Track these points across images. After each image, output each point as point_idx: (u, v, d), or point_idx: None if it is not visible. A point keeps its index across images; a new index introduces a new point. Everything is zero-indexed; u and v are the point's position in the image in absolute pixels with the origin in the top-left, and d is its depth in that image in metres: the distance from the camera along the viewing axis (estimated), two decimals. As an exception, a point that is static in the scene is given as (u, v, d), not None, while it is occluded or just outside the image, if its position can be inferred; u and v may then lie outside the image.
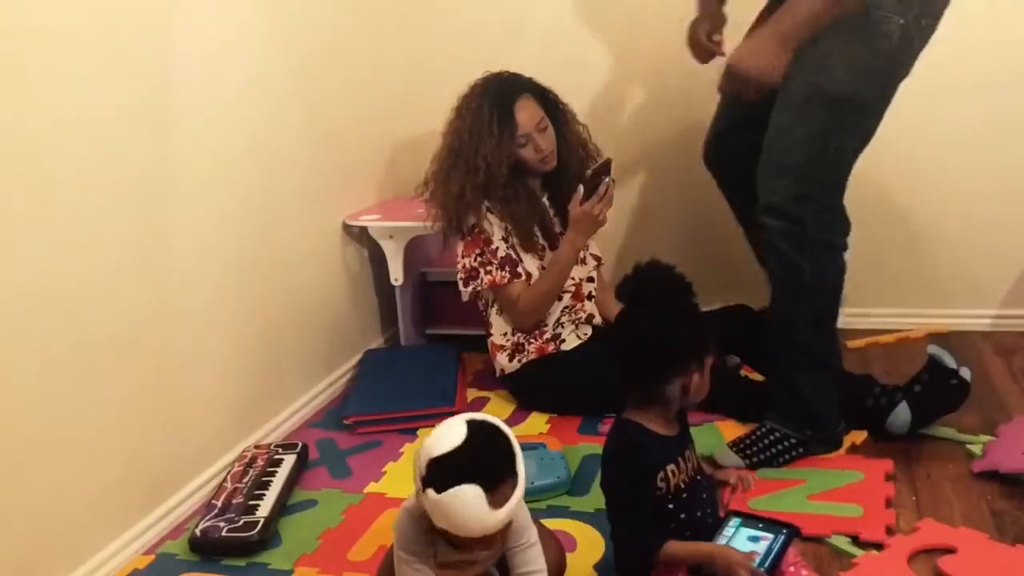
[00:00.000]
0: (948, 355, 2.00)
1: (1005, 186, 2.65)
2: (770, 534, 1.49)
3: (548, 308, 2.33)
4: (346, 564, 1.74)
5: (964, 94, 2.61)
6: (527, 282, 2.33)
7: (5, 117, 1.52)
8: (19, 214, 1.55)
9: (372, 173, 2.86)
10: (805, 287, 1.86)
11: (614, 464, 1.52)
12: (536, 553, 1.46)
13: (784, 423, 1.97)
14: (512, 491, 1.32)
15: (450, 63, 2.89)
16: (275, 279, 2.32)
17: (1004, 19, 2.55)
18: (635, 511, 1.47)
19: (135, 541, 1.82)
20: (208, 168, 2.04)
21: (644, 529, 1.46)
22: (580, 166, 2.34)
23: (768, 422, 1.99)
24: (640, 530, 1.46)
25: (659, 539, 1.44)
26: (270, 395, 2.31)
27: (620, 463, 1.50)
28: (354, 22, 2.71)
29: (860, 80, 1.76)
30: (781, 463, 1.94)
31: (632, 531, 1.47)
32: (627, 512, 1.48)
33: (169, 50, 1.91)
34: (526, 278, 2.33)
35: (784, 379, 1.98)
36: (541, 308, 2.32)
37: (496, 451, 1.34)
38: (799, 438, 1.96)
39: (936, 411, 2.03)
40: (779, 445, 1.95)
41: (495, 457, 1.33)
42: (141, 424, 1.84)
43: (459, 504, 1.28)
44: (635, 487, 1.47)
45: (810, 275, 1.85)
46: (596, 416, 2.26)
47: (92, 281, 1.71)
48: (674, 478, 1.49)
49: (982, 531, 1.67)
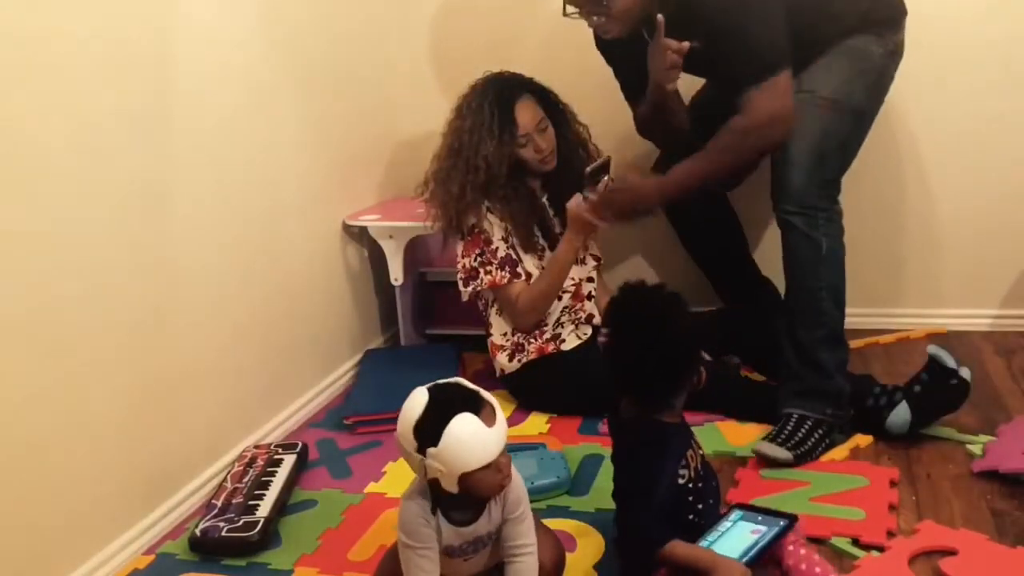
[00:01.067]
0: (948, 355, 2.00)
1: (1005, 186, 2.65)
2: (768, 527, 1.50)
3: (547, 308, 2.33)
4: (346, 564, 1.74)
5: (964, 94, 2.61)
6: (527, 282, 2.33)
7: (4, 122, 1.52)
8: (19, 216, 1.55)
9: (372, 173, 2.86)
10: (823, 262, 2.03)
11: (640, 458, 1.52)
12: (528, 527, 1.50)
13: (807, 406, 2.00)
14: (494, 412, 1.41)
15: (450, 63, 2.89)
16: (275, 279, 2.32)
17: (1004, 19, 2.54)
18: (651, 506, 1.48)
19: (135, 541, 1.82)
20: (208, 168, 2.04)
21: (657, 524, 1.47)
22: (581, 166, 2.34)
23: (791, 410, 2.01)
24: (653, 524, 1.47)
25: (667, 536, 1.45)
26: (270, 395, 2.31)
27: (643, 462, 1.51)
28: (354, 22, 2.71)
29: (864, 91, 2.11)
30: (818, 455, 1.97)
31: (645, 525, 1.48)
32: (643, 506, 1.49)
33: (170, 52, 1.91)
34: (526, 278, 2.33)
35: (807, 357, 2.03)
36: (540, 308, 2.32)
37: (460, 388, 1.45)
38: (826, 420, 2.00)
39: (936, 411, 2.03)
40: (815, 435, 1.98)
41: (463, 393, 1.44)
42: (141, 424, 1.84)
43: (458, 434, 1.36)
44: (657, 483, 1.48)
45: (827, 249, 2.02)
46: (596, 416, 2.25)
47: (92, 281, 1.71)
48: (693, 462, 1.53)
49: (982, 531, 1.67)
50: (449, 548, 1.47)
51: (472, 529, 1.47)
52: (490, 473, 1.39)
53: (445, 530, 1.45)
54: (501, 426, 1.40)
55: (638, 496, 1.50)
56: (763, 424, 2.12)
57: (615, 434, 1.60)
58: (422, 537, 1.44)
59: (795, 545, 1.52)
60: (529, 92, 2.32)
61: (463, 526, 1.46)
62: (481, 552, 1.52)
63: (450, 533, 1.46)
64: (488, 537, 1.50)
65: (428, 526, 1.44)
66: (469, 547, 1.49)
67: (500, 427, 1.40)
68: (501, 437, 1.40)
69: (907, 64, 2.20)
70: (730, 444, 2.08)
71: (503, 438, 1.40)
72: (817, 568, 1.49)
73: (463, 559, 1.50)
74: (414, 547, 1.44)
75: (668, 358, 1.49)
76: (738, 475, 1.93)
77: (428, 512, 1.44)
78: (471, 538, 1.48)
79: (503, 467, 1.41)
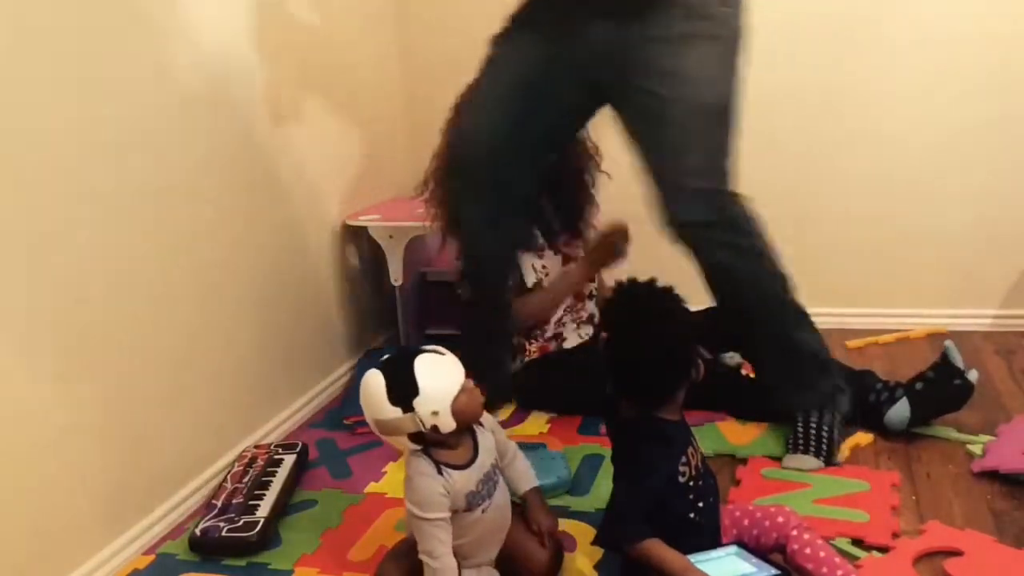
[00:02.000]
0: (959, 356, 2.01)
1: (1005, 186, 2.66)
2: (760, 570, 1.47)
3: (543, 317, 2.33)
4: (346, 564, 1.74)
5: (964, 94, 2.61)
6: (520, 284, 2.34)
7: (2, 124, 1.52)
8: (19, 218, 1.55)
9: (372, 173, 2.86)
10: (764, 256, 1.96)
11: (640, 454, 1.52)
12: (524, 463, 1.64)
13: (808, 399, 2.00)
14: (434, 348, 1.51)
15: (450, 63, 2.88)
16: (275, 279, 2.31)
17: (1005, 18, 2.55)
18: (639, 499, 1.47)
19: (135, 541, 1.82)
20: (207, 168, 2.04)
21: (638, 519, 1.46)
22: (583, 171, 2.36)
23: (797, 412, 2.01)
24: (633, 518, 1.47)
25: (645, 533, 1.44)
26: (270, 395, 2.31)
27: (647, 453, 1.51)
28: (354, 22, 2.71)
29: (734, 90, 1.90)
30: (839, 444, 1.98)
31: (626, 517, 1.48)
32: (629, 501, 1.49)
33: (169, 50, 1.91)
34: (519, 279, 2.34)
35: (787, 345, 2.01)
36: (536, 316, 2.32)
37: (394, 351, 1.58)
38: (831, 402, 2.00)
39: (936, 409, 2.04)
40: (827, 427, 1.97)
41: (399, 351, 1.55)
42: (141, 424, 1.84)
43: (428, 370, 1.46)
44: (650, 478, 1.48)
45: (761, 243, 1.95)
46: (597, 416, 2.25)
47: (91, 282, 1.71)
48: (693, 459, 1.52)
49: (982, 531, 1.67)
50: (470, 496, 1.50)
51: (479, 464, 1.52)
52: (465, 395, 1.48)
53: (458, 480, 1.49)
54: (448, 353, 1.51)
55: (628, 488, 1.50)
56: (763, 423, 2.13)
57: (615, 435, 1.60)
58: (438, 506, 1.47)
59: (799, 529, 1.52)
60: None
61: (469, 466, 1.51)
62: (496, 498, 1.54)
63: (463, 480, 1.49)
64: (494, 471, 1.56)
65: (444, 494, 1.47)
66: (484, 487, 1.52)
67: (448, 354, 1.51)
68: (455, 359, 1.50)
69: (907, 63, 2.20)
70: (730, 444, 2.08)
71: (457, 360, 1.50)
72: (821, 552, 1.49)
73: (482, 510, 1.52)
74: (430, 519, 1.47)
75: (667, 348, 1.48)
76: (739, 475, 1.93)
77: (437, 476, 1.47)
78: (481, 475, 1.52)
79: (468, 387, 1.49)
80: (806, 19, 2.66)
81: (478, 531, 1.54)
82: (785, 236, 2.41)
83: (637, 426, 1.54)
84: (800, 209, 2.79)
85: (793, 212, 2.81)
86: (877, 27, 2.63)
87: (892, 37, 2.62)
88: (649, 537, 1.44)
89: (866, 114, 2.71)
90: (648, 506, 1.47)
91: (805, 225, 2.80)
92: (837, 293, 2.83)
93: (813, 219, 2.79)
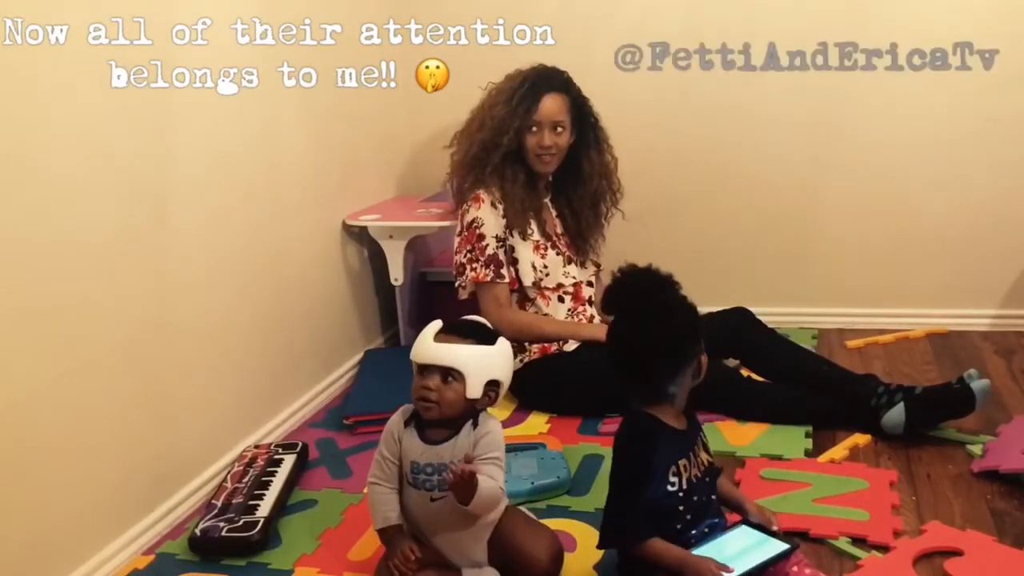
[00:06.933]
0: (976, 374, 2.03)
1: (1005, 186, 2.66)
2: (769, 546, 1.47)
3: (521, 339, 2.31)
4: (346, 564, 1.74)
5: (964, 94, 2.62)
6: (510, 286, 2.35)
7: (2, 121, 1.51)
8: (18, 219, 1.55)
9: (372, 173, 2.86)
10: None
11: (625, 452, 1.51)
12: (497, 470, 1.55)
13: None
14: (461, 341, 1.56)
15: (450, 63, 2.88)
16: (275, 279, 2.32)
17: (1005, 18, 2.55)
18: (631, 501, 1.47)
19: (135, 541, 1.82)
20: (208, 168, 2.04)
21: (634, 520, 1.46)
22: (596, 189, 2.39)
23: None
24: (630, 520, 1.47)
25: (647, 533, 1.44)
26: (270, 395, 2.31)
27: (630, 452, 1.50)
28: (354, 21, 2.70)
29: None
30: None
31: (622, 520, 1.48)
32: (623, 500, 1.48)
33: (169, 50, 1.91)
34: (510, 280, 2.36)
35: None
36: (522, 337, 2.31)
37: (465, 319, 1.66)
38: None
39: (934, 416, 2.04)
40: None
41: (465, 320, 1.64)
42: (141, 424, 1.84)
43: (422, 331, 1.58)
44: (637, 479, 1.47)
45: None
46: (596, 416, 2.26)
47: (92, 283, 1.71)
48: (686, 472, 1.49)
49: (982, 531, 1.67)
50: (414, 466, 1.56)
51: (437, 450, 1.56)
52: (418, 378, 1.55)
53: (411, 442, 1.57)
54: (449, 347, 1.54)
55: (618, 491, 1.50)
56: (763, 424, 2.13)
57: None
58: (384, 442, 1.59)
59: (799, 566, 1.49)
60: (566, 92, 2.37)
61: (428, 443, 1.57)
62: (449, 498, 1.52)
63: (416, 445, 1.57)
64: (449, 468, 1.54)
65: (393, 438, 1.59)
66: (432, 471, 1.55)
67: (447, 346, 1.54)
68: (439, 349, 1.54)
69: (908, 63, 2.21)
70: (730, 444, 2.08)
71: (443, 354, 1.54)
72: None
73: (429, 496, 1.56)
74: (375, 483, 1.60)
75: (668, 326, 1.47)
76: (738, 475, 1.93)
77: (401, 423, 1.59)
78: (435, 460, 1.55)
79: (426, 380, 1.54)
80: (811, 17, 2.66)
81: (430, 517, 1.57)
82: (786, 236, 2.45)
83: (630, 420, 1.54)
84: (800, 209, 2.79)
85: (793, 212, 2.82)
86: (880, 24, 2.63)
87: (894, 36, 2.62)
88: (650, 536, 1.44)
89: (866, 115, 2.71)
90: (639, 507, 1.46)
91: (806, 225, 2.80)
92: (837, 293, 2.84)
93: (813, 219, 2.79)
